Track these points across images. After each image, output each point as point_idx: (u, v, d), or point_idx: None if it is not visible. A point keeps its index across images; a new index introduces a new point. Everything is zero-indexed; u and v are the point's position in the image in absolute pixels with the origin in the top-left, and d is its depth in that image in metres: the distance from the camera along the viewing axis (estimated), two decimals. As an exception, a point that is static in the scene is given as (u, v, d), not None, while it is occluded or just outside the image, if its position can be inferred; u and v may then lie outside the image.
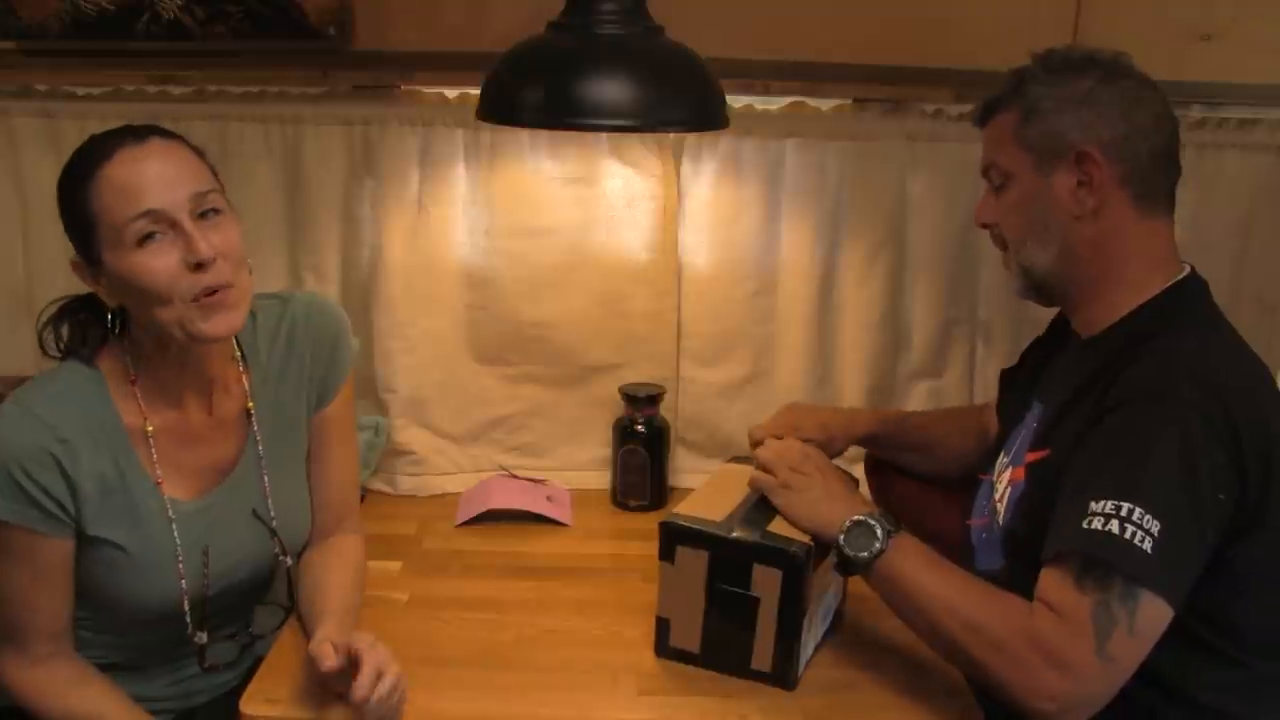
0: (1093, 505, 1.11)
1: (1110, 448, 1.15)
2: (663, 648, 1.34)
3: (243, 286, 1.23)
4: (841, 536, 1.25)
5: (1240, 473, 1.12)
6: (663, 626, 1.33)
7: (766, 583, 1.26)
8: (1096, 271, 1.27)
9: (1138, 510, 1.09)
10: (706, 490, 1.39)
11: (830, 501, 1.29)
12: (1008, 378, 1.53)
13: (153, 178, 1.17)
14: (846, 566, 1.26)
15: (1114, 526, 1.09)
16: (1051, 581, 1.14)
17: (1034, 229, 1.28)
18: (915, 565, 1.22)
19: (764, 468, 1.36)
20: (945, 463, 1.63)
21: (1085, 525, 1.11)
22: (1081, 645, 1.09)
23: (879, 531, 1.23)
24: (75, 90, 1.73)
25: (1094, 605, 1.09)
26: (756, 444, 1.47)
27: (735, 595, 1.27)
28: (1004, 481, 1.35)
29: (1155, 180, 1.26)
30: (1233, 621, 1.18)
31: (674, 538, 1.29)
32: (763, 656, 1.29)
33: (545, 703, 1.26)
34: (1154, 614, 1.10)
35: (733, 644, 1.30)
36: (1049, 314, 1.75)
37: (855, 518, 1.25)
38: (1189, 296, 1.27)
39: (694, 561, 1.28)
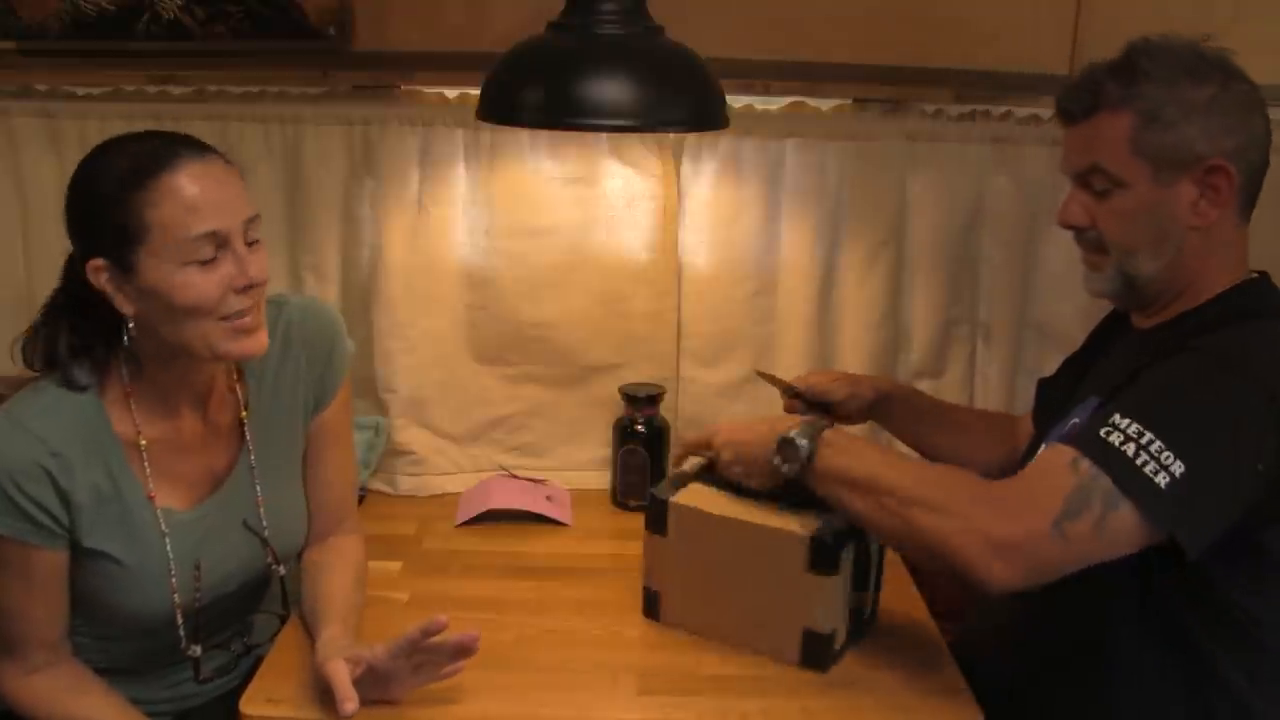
0: (1116, 418, 1.09)
1: (1161, 384, 1.12)
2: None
3: (262, 309, 1.25)
4: (776, 459, 1.26)
5: None
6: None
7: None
8: (1192, 277, 1.22)
9: (1158, 443, 1.06)
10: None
11: (761, 445, 1.30)
12: (1045, 385, 1.50)
13: (219, 196, 1.18)
14: (791, 486, 1.27)
15: (1129, 449, 1.07)
16: (1042, 455, 1.13)
17: (1148, 239, 1.21)
18: (849, 457, 1.22)
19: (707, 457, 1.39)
20: (967, 453, 1.59)
21: (1102, 434, 1.09)
22: (1041, 511, 1.08)
23: (802, 441, 1.23)
24: (75, 90, 1.73)
25: (1074, 489, 1.08)
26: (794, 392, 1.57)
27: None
28: None
29: (1258, 186, 1.22)
30: (1252, 611, 1.16)
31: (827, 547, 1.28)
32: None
33: (545, 703, 1.26)
34: (1129, 526, 1.07)
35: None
36: (1051, 317, 1.76)
37: (781, 437, 1.25)
38: (1267, 294, 1.24)
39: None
